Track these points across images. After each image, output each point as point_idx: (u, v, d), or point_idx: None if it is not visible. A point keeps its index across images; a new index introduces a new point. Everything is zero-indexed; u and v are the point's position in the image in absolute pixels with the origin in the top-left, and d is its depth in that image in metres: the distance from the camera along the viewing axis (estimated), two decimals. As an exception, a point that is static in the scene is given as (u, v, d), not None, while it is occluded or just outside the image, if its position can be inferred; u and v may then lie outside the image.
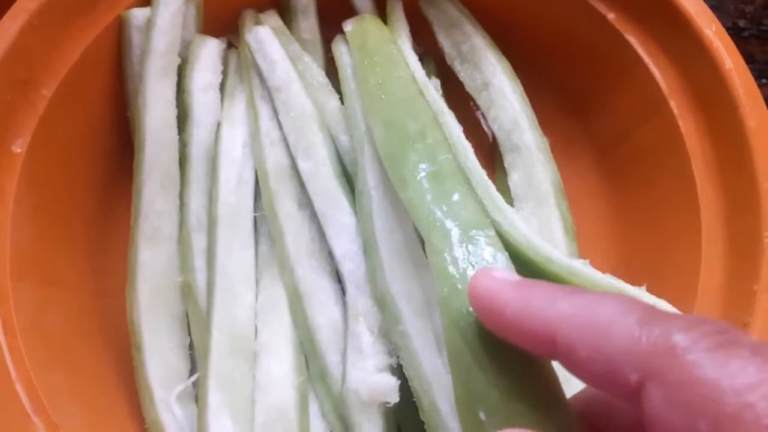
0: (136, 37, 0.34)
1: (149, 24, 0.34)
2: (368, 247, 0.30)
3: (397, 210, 0.31)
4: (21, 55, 0.31)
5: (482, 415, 0.20)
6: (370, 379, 0.28)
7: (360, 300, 0.30)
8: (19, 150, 0.31)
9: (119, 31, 0.35)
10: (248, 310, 0.32)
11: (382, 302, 0.29)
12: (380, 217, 0.30)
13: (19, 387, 0.28)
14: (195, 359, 0.33)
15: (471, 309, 0.21)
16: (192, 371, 0.33)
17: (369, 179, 0.31)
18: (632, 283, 0.32)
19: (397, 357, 0.29)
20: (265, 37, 0.35)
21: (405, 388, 0.28)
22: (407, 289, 0.29)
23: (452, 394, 0.26)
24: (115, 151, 0.37)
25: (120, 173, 0.36)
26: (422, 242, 0.31)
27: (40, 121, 0.32)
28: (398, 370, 0.29)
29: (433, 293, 0.30)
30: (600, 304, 0.17)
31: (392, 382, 0.27)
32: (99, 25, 0.34)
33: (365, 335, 0.29)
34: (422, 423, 0.30)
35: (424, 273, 0.30)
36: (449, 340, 0.21)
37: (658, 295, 0.32)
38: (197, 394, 0.31)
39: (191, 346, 0.33)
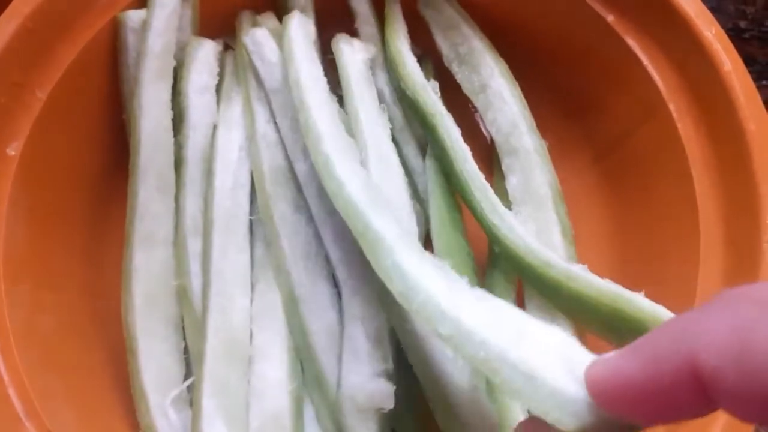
0: (131, 39, 0.34)
1: (145, 26, 0.34)
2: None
3: (401, 210, 0.31)
4: (16, 58, 0.31)
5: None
6: (366, 385, 0.27)
7: (356, 304, 0.29)
8: (13, 153, 0.31)
9: (115, 33, 0.34)
10: (244, 315, 0.31)
11: (386, 304, 0.28)
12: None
13: (12, 391, 0.28)
14: (190, 363, 0.33)
15: None
16: (187, 375, 0.32)
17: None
18: (630, 288, 0.32)
19: (393, 363, 0.28)
20: (262, 38, 0.35)
21: (398, 392, 0.28)
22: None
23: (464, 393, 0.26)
24: (110, 153, 0.37)
25: (115, 176, 0.36)
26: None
27: (35, 123, 0.32)
28: (394, 376, 0.28)
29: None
30: (739, 312, 0.15)
31: (388, 388, 0.27)
32: (94, 27, 0.34)
33: (361, 340, 0.29)
34: (417, 426, 0.30)
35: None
36: None
37: (656, 301, 0.32)
38: (192, 399, 0.31)
39: (186, 350, 0.33)
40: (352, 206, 0.26)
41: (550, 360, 0.19)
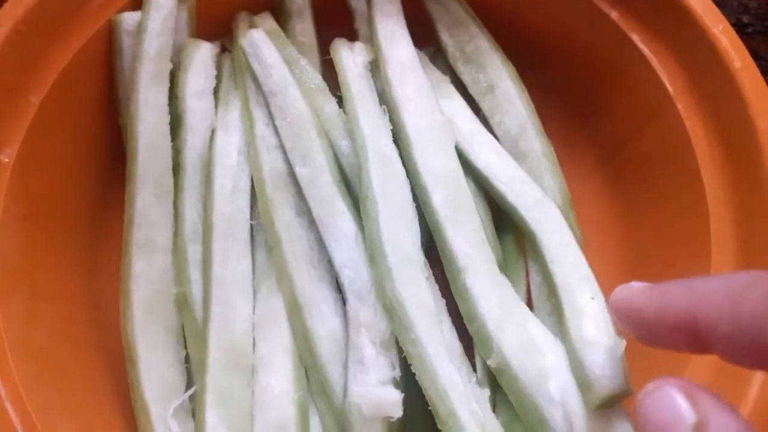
0: (126, 42, 0.33)
1: (140, 28, 0.33)
2: (375, 254, 0.29)
3: (404, 215, 0.30)
4: (8, 63, 0.30)
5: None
6: (373, 392, 0.27)
7: (362, 310, 0.29)
8: (6, 159, 0.30)
9: (109, 36, 0.34)
10: (246, 323, 0.31)
11: (391, 310, 0.28)
12: (387, 223, 0.29)
13: (9, 406, 0.27)
14: (191, 373, 0.32)
15: None
16: (188, 385, 0.32)
17: (374, 184, 0.30)
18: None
19: (400, 370, 0.28)
20: (259, 40, 0.34)
21: (405, 401, 0.27)
22: (417, 296, 0.28)
23: (469, 401, 0.26)
24: (105, 159, 0.36)
25: (111, 182, 0.36)
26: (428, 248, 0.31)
27: (29, 129, 0.31)
28: (401, 383, 0.28)
29: (442, 300, 0.29)
30: (735, 279, 0.18)
31: (396, 396, 0.27)
32: (88, 30, 0.33)
33: (367, 347, 0.28)
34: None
35: (432, 280, 0.30)
36: None
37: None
38: (194, 410, 0.31)
39: (187, 360, 0.32)
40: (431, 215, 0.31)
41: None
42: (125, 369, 0.31)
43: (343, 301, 0.31)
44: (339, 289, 0.31)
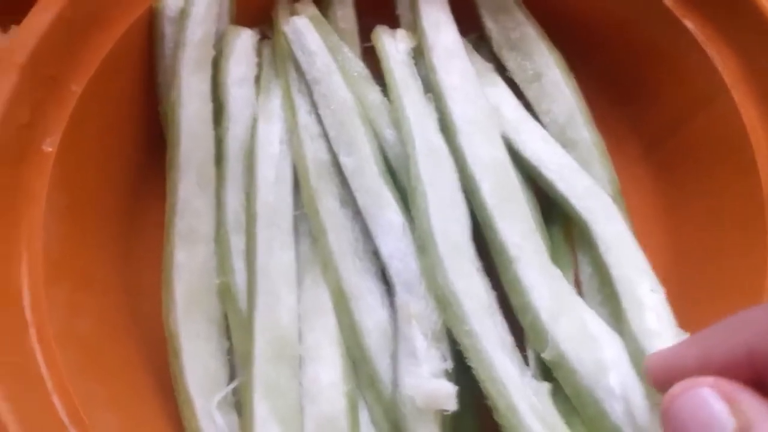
0: (168, 29, 0.33)
1: (183, 14, 0.32)
2: (425, 245, 0.28)
3: (454, 206, 0.29)
4: (51, 50, 0.30)
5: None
6: (426, 385, 0.26)
7: (412, 302, 0.28)
8: (50, 149, 0.30)
9: (151, 22, 0.33)
10: (292, 313, 0.30)
11: (444, 301, 0.27)
12: (437, 213, 0.29)
13: (56, 399, 0.26)
14: (232, 365, 0.31)
15: None
16: (230, 377, 0.31)
17: (422, 174, 0.30)
18: (685, 290, 0.31)
19: (452, 362, 0.27)
20: (303, 27, 0.34)
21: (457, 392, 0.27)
22: (470, 287, 0.27)
23: (528, 394, 0.25)
24: (143, 147, 0.35)
25: (148, 170, 0.35)
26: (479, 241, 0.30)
27: (71, 118, 0.31)
28: (453, 376, 0.27)
29: (492, 292, 0.29)
30: None
31: (450, 389, 0.26)
32: (130, 16, 0.32)
33: (419, 339, 0.27)
34: (476, 425, 0.29)
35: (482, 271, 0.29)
36: None
37: (716, 302, 0.31)
38: (239, 402, 0.30)
39: (229, 351, 0.31)
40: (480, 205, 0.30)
41: None
42: (165, 359, 0.31)
43: (389, 293, 0.30)
44: (384, 280, 0.31)
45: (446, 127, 0.32)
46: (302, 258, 0.32)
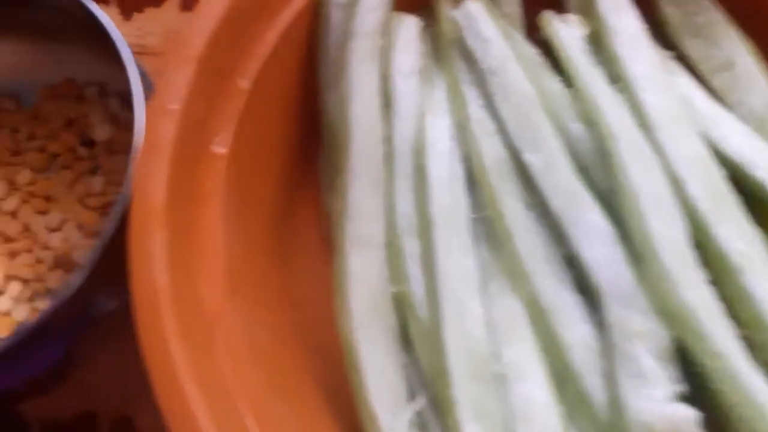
0: (336, 17, 0.30)
1: (354, 1, 0.30)
2: (643, 253, 0.26)
3: (667, 208, 0.27)
4: (222, 44, 0.28)
5: None
6: (664, 409, 0.24)
7: (632, 317, 0.26)
8: (221, 150, 0.28)
9: (315, 11, 0.31)
10: (483, 326, 0.28)
11: (676, 318, 0.25)
12: (653, 217, 0.26)
13: (249, 422, 0.25)
14: (410, 379, 0.29)
15: None
16: (409, 392, 0.29)
17: (630, 174, 0.27)
18: None
19: (686, 384, 0.25)
20: (476, 12, 0.31)
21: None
22: (703, 300, 0.25)
23: None
24: (301, 147, 0.33)
25: (303, 171, 0.33)
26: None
27: (241, 115, 0.28)
28: (688, 400, 0.25)
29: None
30: None
31: (690, 414, 0.23)
32: (295, 4, 0.30)
33: (645, 358, 0.25)
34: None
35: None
36: None
37: None
38: (421, 420, 0.28)
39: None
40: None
41: None
42: (334, 375, 0.29)
43: (587, 303, 0.28)
44: (579, 290, 0.28)
45: (639, 122, 0.29)
46: (483, 264, 0.30)
